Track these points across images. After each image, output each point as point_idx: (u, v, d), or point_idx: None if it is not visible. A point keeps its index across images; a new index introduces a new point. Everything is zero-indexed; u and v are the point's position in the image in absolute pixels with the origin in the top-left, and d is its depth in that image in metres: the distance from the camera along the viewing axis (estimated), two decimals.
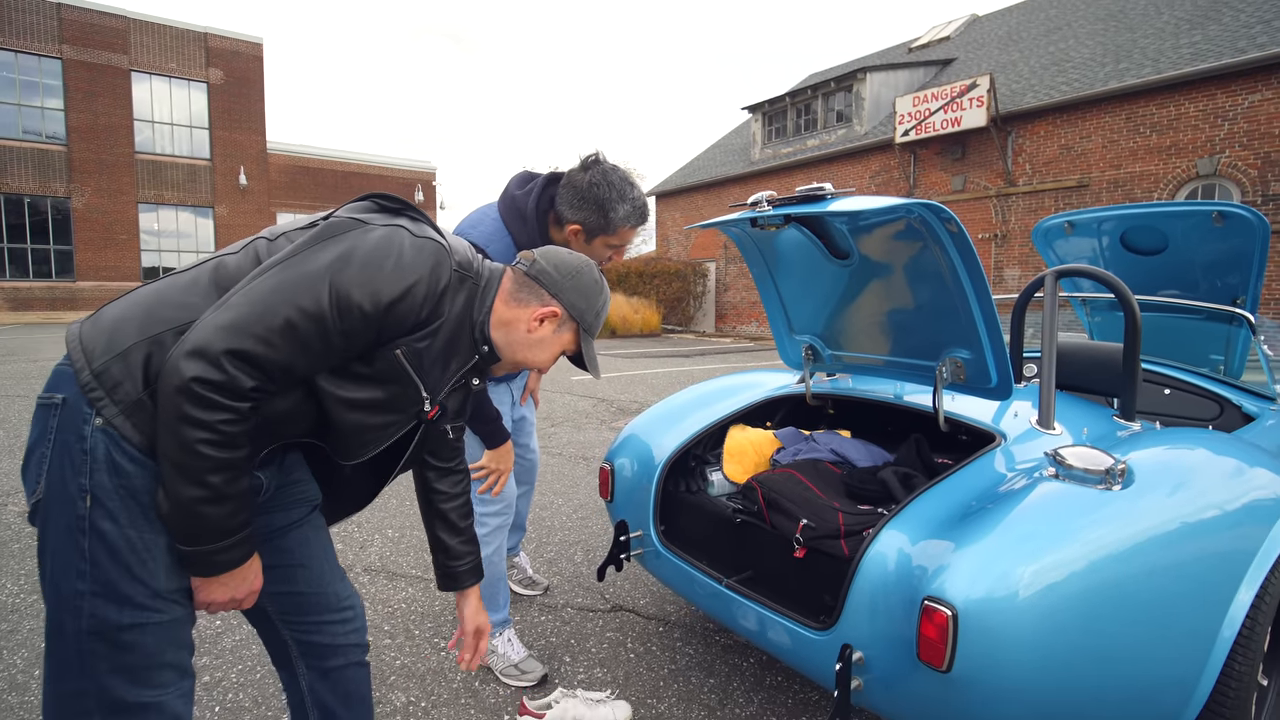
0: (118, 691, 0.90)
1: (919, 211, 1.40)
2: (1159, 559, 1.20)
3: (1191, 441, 1.47)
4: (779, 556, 1.54)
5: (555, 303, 1.12)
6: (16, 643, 2.04)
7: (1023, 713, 1.12)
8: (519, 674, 1.84)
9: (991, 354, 1.55)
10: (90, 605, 0.87)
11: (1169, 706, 1.22)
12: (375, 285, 0.92)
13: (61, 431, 0.88)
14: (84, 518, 0.87)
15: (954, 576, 1.12)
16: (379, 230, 0.96)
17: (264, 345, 0.86)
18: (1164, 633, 1.19)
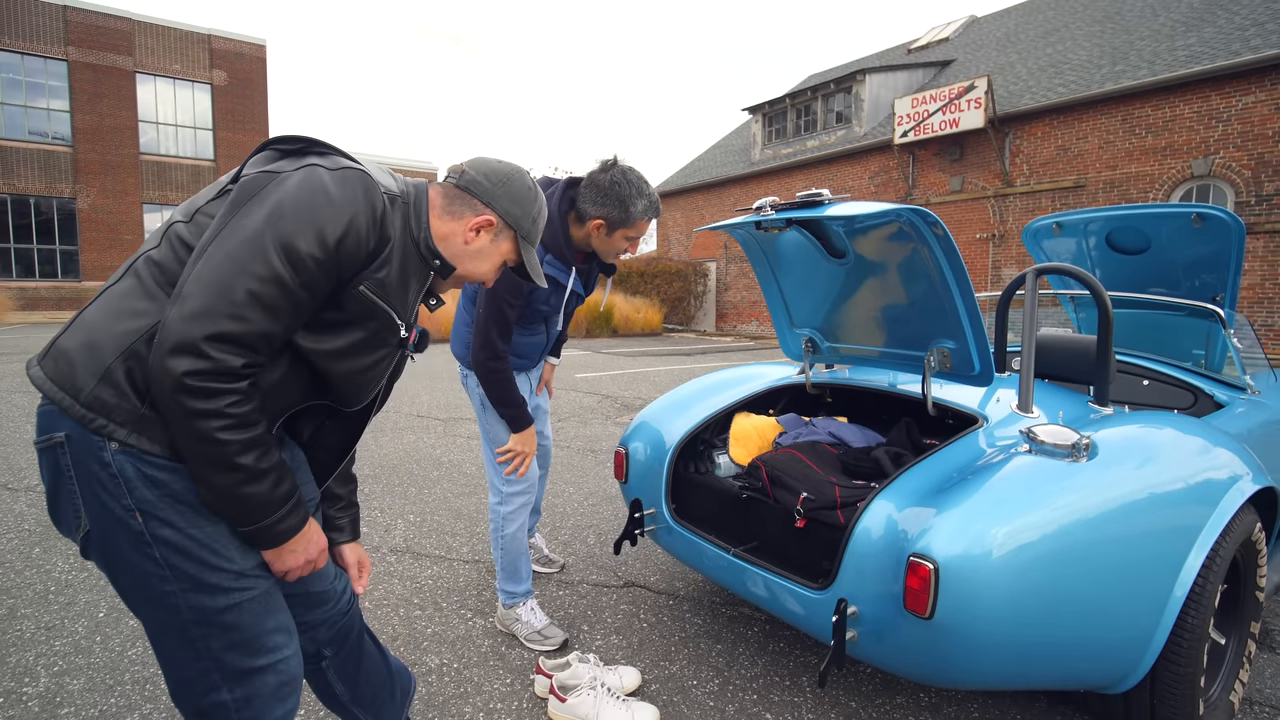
0: (235, 663, 0.97)
1: (908, 216, 1.56)
2: (1118, 523, 1.35)
3: (1154, 423, 1.62)
4: (781, 527, 1.70)
5: (489, 211, 1.11)
6: (75, 613, 2.20)
7: (996, 656, 1.27)
8: (542, 639, 2.00)
9: (974, 344, 1.71)
10: (184, 600, 0.93)
11: (1128, 655, 1.38)
12: (317, 229, 0.90)
13: (79, 466, 0.89)
14: (143, 533, 0.90)
15: (935, 535, 1.28)
16: (295, 175, 0.93)
17: (237, 322, 0.85)
18: (1123, 589, 1.34)
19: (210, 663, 0.96)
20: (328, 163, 0.96)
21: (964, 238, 12.44)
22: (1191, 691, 1.44)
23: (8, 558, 2.65)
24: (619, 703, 1.65)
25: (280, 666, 1.01)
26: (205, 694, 0.97)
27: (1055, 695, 1.79)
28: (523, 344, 2.03)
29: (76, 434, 0.88)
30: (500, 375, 1.88)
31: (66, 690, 1.80)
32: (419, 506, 3.31)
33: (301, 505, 0.98)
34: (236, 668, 0.97)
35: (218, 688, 0.97)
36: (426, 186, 1.10)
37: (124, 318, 0.90)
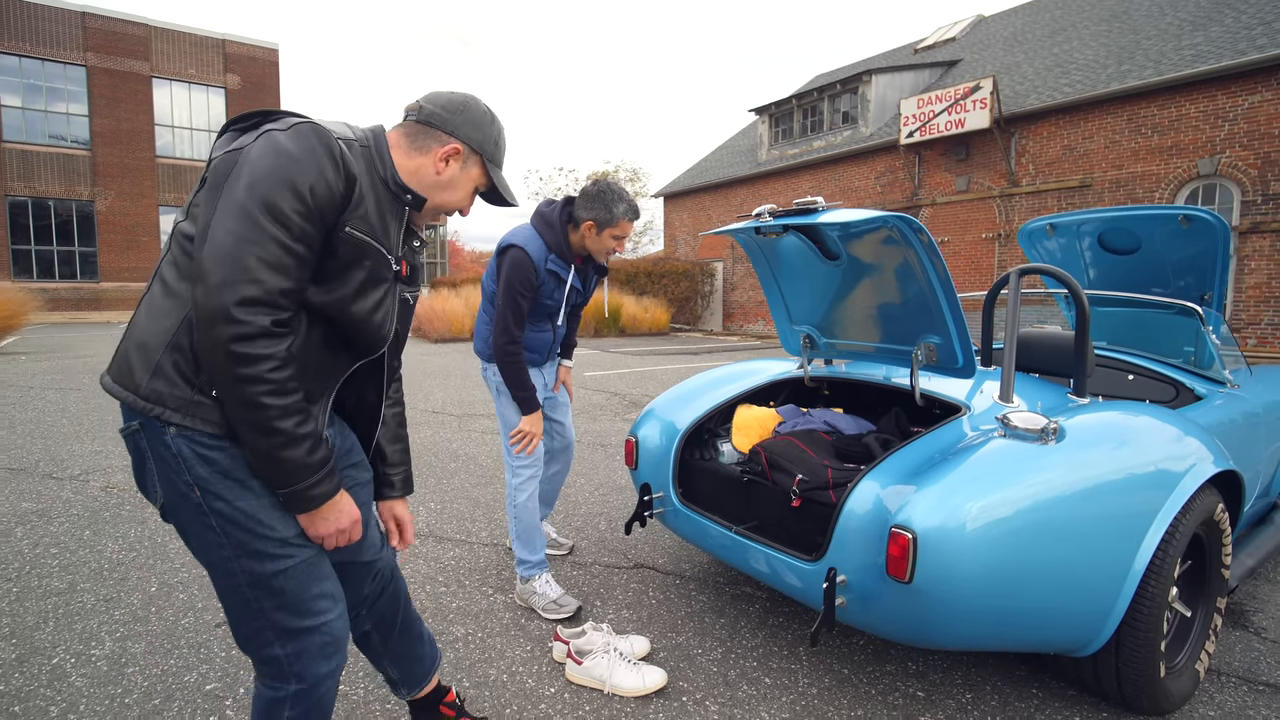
0: (285, 623, 1.10)
1: (895, 223, 1.71)
2: (1083, 499, 1.50)
3: (1123, 411, 1.76)
4: (779, 507, 1.85)
5: (453, 140, 1.16)
6: (129, 588, 2.39)
7: (970, 619, 1.42)
8: (557, 608, 2.19)
9: (957, 339, 1.85)
10: (239, 565, 1.06)
11: (1092, 621, 1.52)
12: (289, 184, 0.97)
13: (153, 448, 1.03)
14: (201, 505, 1.03)
15: (914, 509, 1.43)
16: (255, 145, 0.99)
17: (255, 285, 0.94)
18: (1087, 559, 1.49)
19: (264, 621, 1.10)
20: (280, 125, 1.03)
21: (970, 237, 12.51)
22: (1152, 655, 1.58)
23: (62, 539, 2.85)
24: (630, 666, 1.81)
25: (325, 629, 1.14)
26: (262, 648, 1.12)
27: (1033, 663, 1.93)
28: (532, 339, 2.31)
29: (145, 423, 1.03)
30: (515, 359, 2.16)
31: (129, 653, 1.98)
32: (439, 495, 3.49)
33: (334, 475, 1.08)
34: (286, 627, 1.11)
35: (271, 643, 1.11)
36: (384, 129, 1.16)
37: (160, 317, 1.02)
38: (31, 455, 4.19)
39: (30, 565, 2.59)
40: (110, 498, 3.41)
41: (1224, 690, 1.82)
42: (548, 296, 2.23)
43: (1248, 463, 2.23)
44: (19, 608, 2.25)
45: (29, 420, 5.20)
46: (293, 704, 1.14)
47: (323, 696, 1.17)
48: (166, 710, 1.72)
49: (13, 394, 6.40)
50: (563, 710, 1.72)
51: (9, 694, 1.78)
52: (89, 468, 3.94)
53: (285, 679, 1.13)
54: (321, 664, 1.14)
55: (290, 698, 1.14)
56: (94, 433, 4.83)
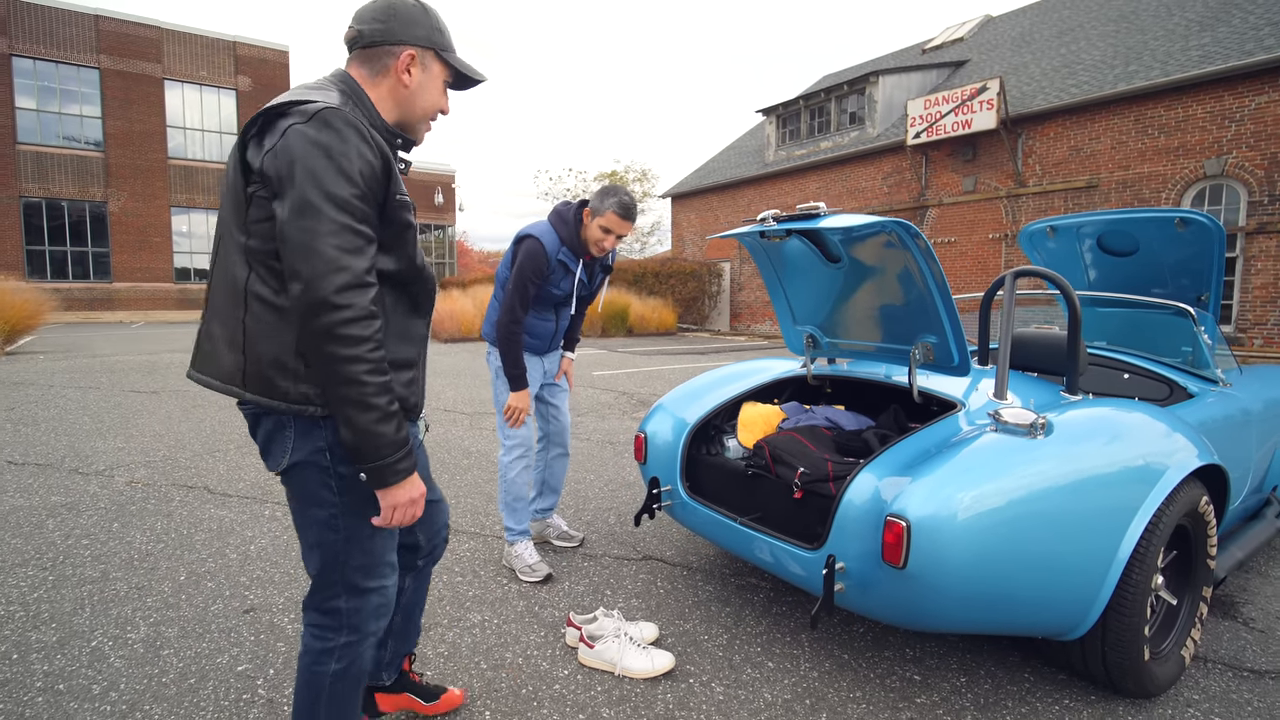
0: (357, 582, 1.26)
1: (893, 228, 1.79)
2: (1069, 490, 1.58)
3: (1111, 408, 1.84)
4: (782, 499, 1.94)
5: (403, 47, 1.18)
6: (160, 576, 2.51)
7: (961, 603, 1.51)
8: (531, 572, 2.47)
9: (953, 339, 1.93)
10: (342, 522, 1.21)
11: (1078, 606, 1.60)
12: (342, 173, 1.06)
13: (298, 427, 1.17)
14: (328, 468, 1.19)
15: (908, 498, 1.51)
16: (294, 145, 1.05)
17: (341, 272, 1.04)
18: (1072, 547, 1.57)
19: (340, 576, 1.25)
20: (297, 117, 1.07)
21: (976, 238, 12.53)
22: (1136, 640, 1.66)
23: (92, 531, 2.97)
24: (640, 650, 1.90)
25: (383, 591, 1.31)
26: (331, 599, 1.27)
27: (1026, 649, 2.01)
28: (536, 325, 2.56)
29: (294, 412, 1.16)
30: (515, 338, 2.40)
31: (164, 636, 2.09)
32: (453, 491, 3.59)
33: (413, 455, 1.18)
34: (356, 584, 1.27)
35: (339, 596, 1.27)
36: (348, 75, 1.20)
37: (279, 333, 1.13)
38: (57, 451, 4.32)
39: (63, 555, 2.71)
40: (135, 492, 3.53)
41: (1209, 676, 1.89)
42: (555, 285, 2.47)
43: (1237, 458, 2.30)
44: (56, 594, 2.37)
45: (52, 418, 5.34)
46: (340, 655, 1.28)
47: (364, 652, 1.31)
48: (202, 689, 1.82)
49: (34, 392, 6.56)
50: (576, 691, 1.82)
51: (53, 674, 1.89)
52: (112, 463, 4.07)
53: (339, 630, 1.28)
54: (373, 622, 1.31)
55: (339, 649, 1.28)
56: (115, 430, 4.96)
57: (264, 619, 2.20)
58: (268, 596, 2.36)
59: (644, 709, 1.74)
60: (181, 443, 4.60)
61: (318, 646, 1.28)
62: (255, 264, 1.14)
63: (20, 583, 2.45)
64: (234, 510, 3.27)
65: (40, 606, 2.27)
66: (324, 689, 1.28)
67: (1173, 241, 3.10)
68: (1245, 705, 1.76)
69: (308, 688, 1.29)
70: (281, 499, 3.45)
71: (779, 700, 1.77)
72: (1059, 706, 1.75)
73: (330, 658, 1.28)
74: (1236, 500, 2.31)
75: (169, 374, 7.97)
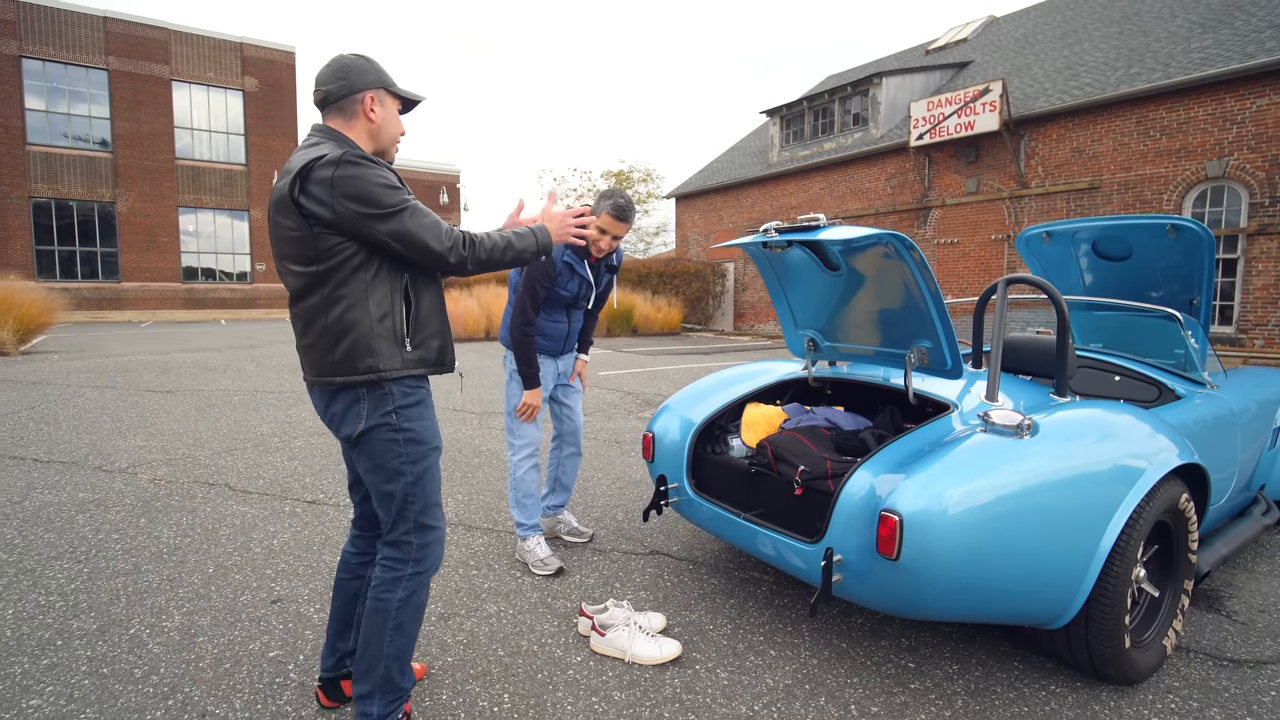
0: (422, 519, 1.58)
1: (890, 240, 1.89)
2: (1053, 487, 1.68)
3: (1096, 409, 1.94)
4: (783, 496, 2.05)
5: (363, 93, 1.51)
6: (189, 569, 2.63)
7: (950, 592, 1.61)
8: (543, 565, 2.60)
9: (946, 344, 2.04)
10: (409, 469, 1.54)
11: (1061, 596, 1.70)
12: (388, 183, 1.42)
13: (370, 395, 1.49)
14: (396, 426, 1.52)
15: (901, 494, 1.62)
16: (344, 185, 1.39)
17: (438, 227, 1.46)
18: (1056, 540, 1.67)
19: (410, 513, 1.57)
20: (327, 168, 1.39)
21: (979, 238, 12.60)
22: (1118, 629, 1.76)
23: (121, 527, 3.10)
24: (649, 638, 2.01)
25: (439, 532, 1.64)
26: (403, 535, 1.57)
27: (1015, 638, 2.11)
28: (549, 328, 2.69)
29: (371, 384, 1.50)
30: (527, 340, 2.58)
31: (197, 625, 2.21)
32: (465, 489, 3.71)
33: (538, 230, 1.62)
34: (421, 523, 1.59)
35: (410, 533, 1.58)
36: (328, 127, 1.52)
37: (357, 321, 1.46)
38: (79, 450, 4.46)
39: (95, 549, 2.83)
40: (159, 489, 3.65)
41: (1190, 664, 1.99)
42: (563, 287, 2.62)
43: (1221, 458, 2.40)
44: (92, 585, 2.49)
45: (72, 417, 5.48)
46: (406, 584, 1.58)
47: (426, 581, 1.62)
48: (237, 673, 1.94)
49: (52, 392, 6.70)
50: (588, 676, 1.93)
51: (96, 659, 2.01)
52: (135, 461, 4.20)
53: (407, 562, 1.58)
54: (431, 556, 1.62)
55: (406, 578, 1.58)
56: (134, 428, 5.10)
57: (291, 609, 2.32)
58: (293, 588, 2.48)
59: (653, 692, 1.85)
60: (199, 441, 4.73)
61: (388, 577, 1.56)
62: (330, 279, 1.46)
63: (57, 574, 2.57)
64: (255, 506, 3.39)
65: (78, 597, 2.40)
66: (390, 615, 1.55)
67: (1165, 247, 3.20)
68: (1223, 692, 1.86)
69: (376, 614, 1.55)
70: (301, 496, 3.57)
71: (780, 685, 1.88)
72: (1045, 692, 1.85)
73: (398, 586, 1.56)
74: (1220, 498, 2.41)
75: (181, 374, 8.11)
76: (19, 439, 4.69)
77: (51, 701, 1.79)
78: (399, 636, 1.55)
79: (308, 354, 1.53)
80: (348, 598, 1.77)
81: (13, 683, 1.87)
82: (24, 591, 2.43)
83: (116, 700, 1.80)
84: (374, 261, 1.47)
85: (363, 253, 1.46)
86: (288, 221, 1.43)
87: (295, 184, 1.39)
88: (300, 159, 1.41)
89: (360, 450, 1.53)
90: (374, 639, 1.54)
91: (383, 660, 1.54)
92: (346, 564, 1.78)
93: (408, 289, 1.52)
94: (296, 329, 1.54)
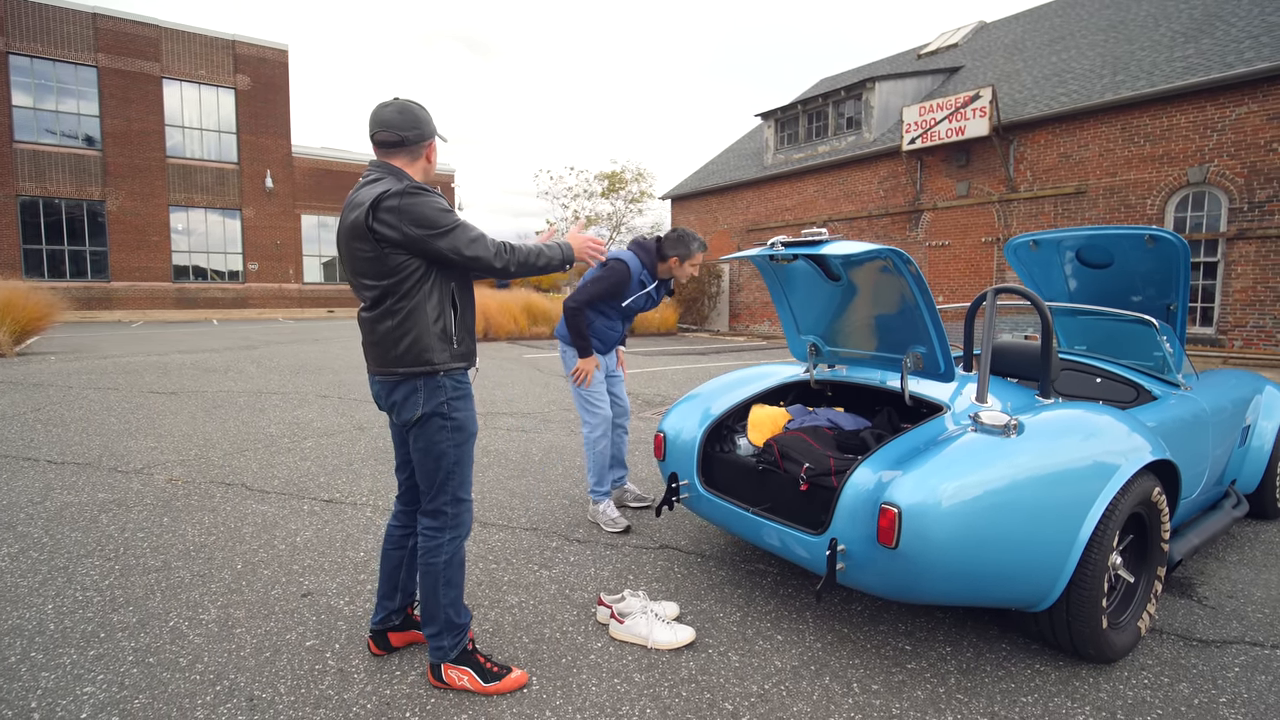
0: (458, 493, 1.90)
1: (888, 254, 2.05)
2: (1037, 482, 1.83)
3: (1077, 410, 2.10)
4: (789, 491, 2.19)
5: (429, 141, 1.84)
6: (218, 565, 2.74)
7: (945, 578, 1.76)
8: (614, 524, 3.10)
9: (939, 349, 2.19)
10: (454, 451, 1.86)
11: (1045, 581, 1.86)
12: (444, 208, 1.74)
13: (427, 386, 1.80)
14: (447, 414, 1.83)
15: (900, 488, 1.77)
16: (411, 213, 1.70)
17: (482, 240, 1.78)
18: (1040, 530, 1.82)
19: (450, 487, 1.88)
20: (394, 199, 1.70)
21: (969, 241, 12.84)
22: (1096, 611, 1.92)
23: (145, 525, 3.20)
24: (665, 625, 2.15)
25: (470, 504, 1.96)
26: (442, 505, 1.89)
27: (1003, 623, 2.27)
28: (603, 330, 3.19)
29: (428, 375, 1.81)
30: (580, 315, 3.07)
31: (234, 618, 2.33)
32: (478, 488, 3.83)
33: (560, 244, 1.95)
34: (457, 495, 1.90)
35: (447, 504, 1.90)
36: (391, 165, 1.81)
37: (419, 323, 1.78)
38: (92, 451, 4.54)
39: (123, 547, 2.93)
40: (177, 489, 3.76)
41: (1163, 645, 2.16)
42: (630, 297, 3.13)
43: (1193, 454, 2.57)
44: (126, 581, 2.60)
45: (79, 419, 5.55)
46: (447, 547, 1.90)
47: (462, 544, 1.94)
48: (277, 660, 2.06)
49: (55, 394, 6.75)
50: (609, 660, 2.07)
51: (141, 649, 2.12)
52: (149, 462, 4.29)
53: (444, 529, 1.90)
54: (466, 520, 1.94)
55: (445, 543, 1.90)
56: (143, 430, 5.18)
57: (322, 601, 2.44)
58: (321, 582, 2.60)
59: (670, 674, 1.99)
60: (210, 442, 4.83)
61: (431, 545, 1.89)
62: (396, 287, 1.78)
63: (90, 571, 2.68)
64: (274, 505, 3.50)
65: (114, 592, 2.51)
66: (439, 575, 1.88)
67: (1143, 256, 3.38)
68: (1191, 669, 2.02)
69: (427, 576, 1.89)
70: (318, 495, 3.68)
71: (788, 667, 2.03)
72: (1030, 670, 2.01)
73: (441, 551, 1.89)
74: (1191, 492, 2.58)
75: (183, 375, 8.16)
76: (29, 441, 4.76)
77: (104, 689, 1.91)
78: (449, 589, 1.90)
79: (374, 349, 1.84)
80: (393, 565, 2.08)
81: (64, 672, 1.98)
82: (60, 587, 2.53)
83: (166, 687, 1.92)
84: (431, 275, 1.78)
85: (424, 268, 1.76)
86: (362, 245, 1.74)
87: (369, 214, 1.69)
88: (369, 194, 1.72)
89: (416, 434, 1.84)
90: (430, 595, 1.89)
91: (441, 608, 1.89)
92: (391, 537, 2.08)
93: (454, 297, 1.84)
94: (364, 330, 1.85)
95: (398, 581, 2.08)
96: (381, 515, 3.37)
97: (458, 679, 1.89)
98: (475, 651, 1.93)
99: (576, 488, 3.83)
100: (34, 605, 2.38)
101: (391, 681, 1.95)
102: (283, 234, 24.65)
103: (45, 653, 2.07)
